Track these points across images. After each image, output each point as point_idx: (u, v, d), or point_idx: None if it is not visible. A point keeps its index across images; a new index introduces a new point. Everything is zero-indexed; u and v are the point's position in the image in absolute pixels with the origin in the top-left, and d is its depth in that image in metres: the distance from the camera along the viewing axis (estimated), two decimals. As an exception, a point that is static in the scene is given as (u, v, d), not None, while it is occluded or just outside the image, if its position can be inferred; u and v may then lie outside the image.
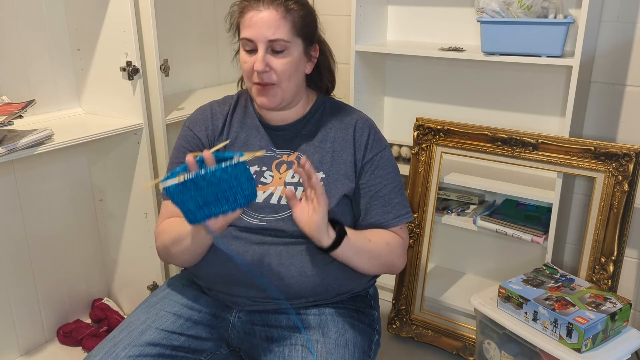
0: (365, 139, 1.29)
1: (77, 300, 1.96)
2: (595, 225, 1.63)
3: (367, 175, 1.28)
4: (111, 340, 1.17)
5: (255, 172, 1.27)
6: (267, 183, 1.26)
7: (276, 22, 1.18)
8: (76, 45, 1.75)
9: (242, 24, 1.22)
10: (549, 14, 1.66)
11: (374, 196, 1.28)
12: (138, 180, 1.77)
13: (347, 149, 1.28)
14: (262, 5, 1.19)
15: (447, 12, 1.98)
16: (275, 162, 1.29)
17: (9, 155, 1.38)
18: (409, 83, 2.12)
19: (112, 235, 1.93)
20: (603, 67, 1.76)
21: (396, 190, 1.30)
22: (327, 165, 1.27)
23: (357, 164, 1.28)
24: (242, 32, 1.22)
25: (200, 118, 1.34)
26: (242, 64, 1.24)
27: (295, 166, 1.27)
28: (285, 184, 1.25)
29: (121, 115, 1.72)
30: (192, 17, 2.09)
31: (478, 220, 1.88)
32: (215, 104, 1.36)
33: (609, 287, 1.61)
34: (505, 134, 1.72)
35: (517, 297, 1.53)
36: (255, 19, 1.18)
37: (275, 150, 1.30)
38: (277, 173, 1.27)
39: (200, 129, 1.32)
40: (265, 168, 1.28)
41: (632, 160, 1.55)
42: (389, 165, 1.31)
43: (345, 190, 1.25)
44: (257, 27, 1.18)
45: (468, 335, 1.88)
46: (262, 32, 1.18)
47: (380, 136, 1.33)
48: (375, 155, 1.29)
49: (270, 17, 1.18)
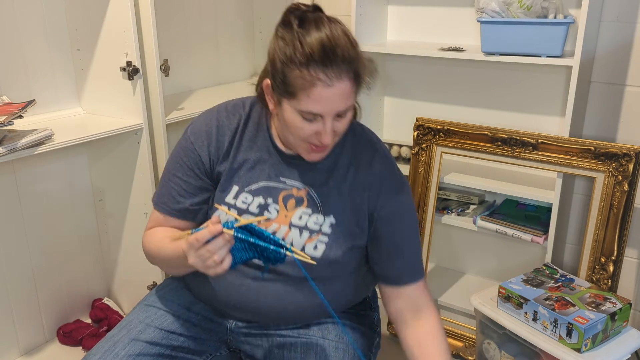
0: (381, 185, 1.16)
1: (77, 300, 1.96)
2: (595, 225, 1.63)
3: (382, 227, 1.17)
4: (110, 339, 1.16)
5: (259, 204, 1.16)
6: (271, 219, 1.15)
7: (348, 93, 1.03)
8: (76, 45, 1.75)
9: (304, 95, 1.02)
10: (549, 14, 1.66)
11: (389, 249, 1.18)
12: (138, 180, 1.77)
13: (361, 192, 1.16)
14: (334, 77, 1.00)
15: (447, 12, 1.98)
16: (283, 194, 1.16)
17: (9, 155, 1.38)
18: (409, 83, 2.12)
19: (112, 235, 1.93)
20: (603, 67, 1.76)
21: (413, 242, 1.21)
22: (339, 209, 1.16)
23: (371, 213, 1.17)
24: (304, 103, 1.02)
25: (203, 130, 1.18)
26: (295, 128, 1.07)
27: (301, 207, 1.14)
28: (290, 225, 1.15)
29: (121, 115, 1.72)
30: (192, 17, 2.09)
31: (478, 220, 1.88)
32: (222, 113, 1.20)
33: (608, 287, 1.61)
34: (505, 134, 1.72)
35: (517, 297, 1.53)
36: (325, 95, 1.01)
37: (285, 181, 1.17)
38: (283, 208, 1.16)
39: (201, 143, 1.18)
40: (271, 200, 1.16)
41: (632, 160, 1.55)
42: (408, 215, 1.20)
43: (356, 241, 1.17)
44: (327, 103, 1.02)
45: (468, 335, 1.88)
46: (332, 107, 1.03)
47: (398, 180, 1.19)
48: (391, 205, 1.17)
49: (343, 89, 1.02)
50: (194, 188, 1.19)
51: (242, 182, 1.17)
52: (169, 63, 1.79)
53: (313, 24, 1.02)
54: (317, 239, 1.14)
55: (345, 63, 1.01)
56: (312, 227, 1.14)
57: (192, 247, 0.97)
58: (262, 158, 1.17)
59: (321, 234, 1.14)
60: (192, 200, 1.19)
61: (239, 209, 1.16)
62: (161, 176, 1.25)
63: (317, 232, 1.14)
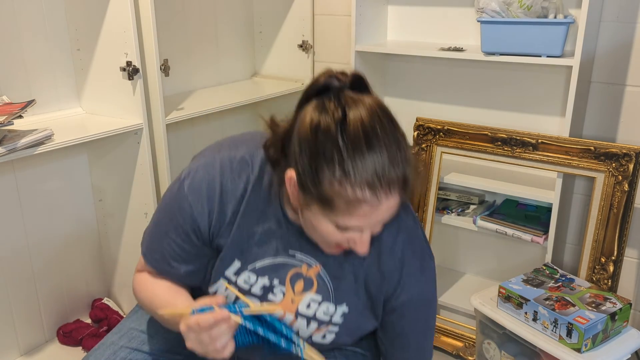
0: (401, 271, 1.03)
1: (77, 300, 1.96)
2: (595, 225, 1.63)
3: (394, 317, 1.07)
4: (110, 346, 1.12)
5: (263, 285, 1.02)
6: (275, 302, 1.02)
7: (394, 207, 0.90)
8: (76, 45, 1.75)
9: (345, 212, 0.88)
10: (549, 14, 1.66)
11: (397, 337, 1.09)
12: (138, 180, 1.77)
13: (379, 280, 1.03)
14: (383, 197, 0.86)
15: (447, 12, 1.98)
16: (292, 273, 1.02)
17: (9, 155, 1.38)
18: (409, 83, 2.12)
19: (112, 235, 1.93)
20: (603, 67, 1.76)
21: (424, 332, 1.11)
22: (353, 296, 1.04)
23: (386, 300, 1.05)
24: (342, 219, 0.89)
25: (204, 193, 0.99)
26: (324, 234, 0.93)
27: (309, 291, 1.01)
28: (297, 314, 1.02)
29: (121, 115, 1.72)
30: (192, 17, 2.09)
31: (478, 220, 1.88)
32: (227, 174, 1.00)
33: (609, 287, 1.61)
34: (505, 134, 1.72)
35: (517, 297, 1.53)
36: (369, 213, 0.88)
37: (294, 255, 1.02)
38: (290, 291, 1.02)
39: (201, 209, 0.99)
40: (277, 281, 1.02)
41: (632, 160, 1.55)
42: (425, 307, 1.08)
43: (368, 328, 1.08)
44: (370, 220, 0.90)
45: (468, 335, 1.88)
46: (375, 222, 0.91)
47: (420, 262, 1.05)
48: (407, 296, 1.04)
49: (391, 205, 0.89)
50: (190, 255, 1.03)
51: (245, 259, 1.02)
52: (169, 63, 1.79)
53: (353, 107, 0.87)
54: (326, 329, 1.05)
55: (399, 181, 0.87)
56: (322, 317, 1.03)
57: (192, 331, 0.89)
58: (270, 229, 1.01)
59: (331, 324, 1.04)
60: (186, 268, 1.04)
61: (240, 288, 1.03)
62: (152, 223, 1.08)
63: (326, 323, 1.04)
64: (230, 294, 1.02)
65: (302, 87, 2.22)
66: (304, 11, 2.19)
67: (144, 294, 1.08)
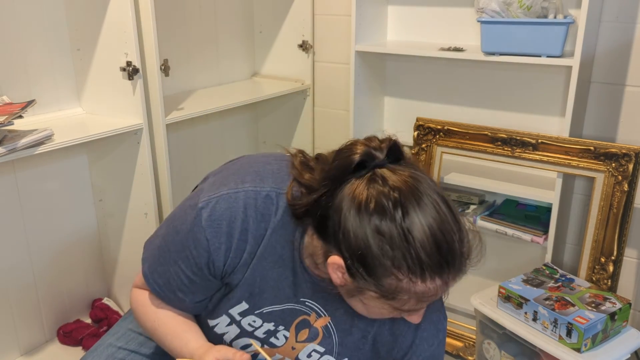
0: (412, 335, 1.00)
1: (77, 300, 1.96)
2: (595, 225, 1.63)
3: None
4: (107, 348, 1.11)
5: (267, 330, 0.99)
6: (276, 346, 1.00)
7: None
8: (76, 45, 1.75)
9: (410, 301, 0.84)
10: (548, 14, 1.66)
11: None
12: (138, 180, 1.77)
13: (390, 342, 1.01)
14: (451, 281, 0.85)
15: (447, 12, 1.98)
16: (298, 321, 0.99)
17: (9, 155, 1.38)
18: (409, 83, 2.12)
19: (112, 235, 1.93)
20: (603, 67, 1.76)
21: None
22: (357, 352, 1.01)
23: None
24: (400, 304, 0.85)
25: (224, 228, 0.92)
26: (378, 314, 0.90)
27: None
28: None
29: (121, 115, 1.72)
30: (192, 17, 2.09)
31: (478, 220, 1.88)
32: (251, 214, 0.93)
33: (608, 287, 1.61)
34: (505, 134, 1.72)
35: (517, 297, 1.53)
36: (430, 298, 0.85)
37: (305, 302, 0.98)
38: (293, 337, 0.99)
39: (219, 245, 0.92)
40: (283, 327, 0.99)
41: (632, 160, 1.55)
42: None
43: None
44: (429, 301, 0.86)
45: (468, 335, 1.88)
46: (431, 300, 0.87)
47: (434, 328, 1.02)
48: (420, 357, 1.01)
49: (448, 286, 0.86)
50: (199, 287, 0.98)
51: (254, 303, 0.98)
52: (169, 63, 1.79)
53: (414, 203, 0.82)
54: None
55: (462, 260, 0.84)
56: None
57: None
58: (284, 275, 0.96)
59: None
60: (194, 298, 0.99)
61: (243, 329, 1.00)
62: (159, 243, 1.01)
63: None
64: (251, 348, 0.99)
65: (302, 87, 2.23)
66: (304, 11, 2.19)
67: (147, 317, 1.04)
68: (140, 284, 1.07)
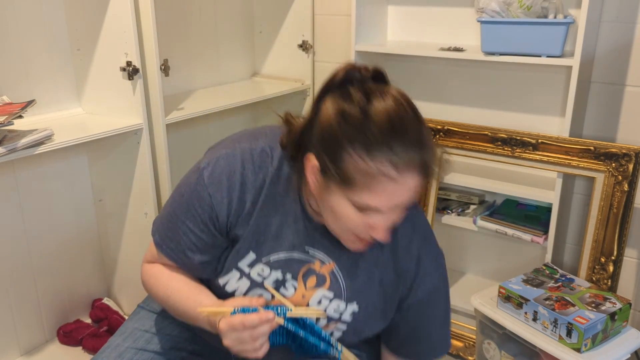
0: (414, 270, 1.04)
1: (77, 300, 1.96)
2: (595, 225, 1.63)
3: (409, 314, 1.07)
4: (115, 349, 1.12)
5: (276, 279, 1.03)
6: (287, 297, 1.02)
7: (415, 187, 0.90)
8: (76, 45, 1.75)
9: (364, 187, 0.88)
10: (548, 14, 1.66)
11: (411, 332, 1.09)
12: (138, 180, 1.77)
13: (395, 280, 1.04)
14: (404, 173, 0.86)
15: (447, 12, 1.98)
16: (304, 269, 1.02)
17: (9, 155, 1.38)
18: (409, 83, 2.12)
19: (112, 235, 1.93)
20: (603, 67, 1.76)
21: (440, 325, 1.10)
22: (365, 295, 1.04)
23: (400, 301, 1.06)
24: (361, 196, 0.89)
25: (224, 183, 0.99)
26: (344, 219, 0.93)
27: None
28: None
29: (121, 115, 1.72)
30: (192, 17, 2.09)
31: (478, 220, 1.88)
32: (248, 165, 1.00)
33: (608, 287, 1.61)
34: (505, 134, 1.72)
35: (517, 297, 1.53)
36: (389, 189, 0.87)
37: (309, 251, 1.02)
38: (302, 286, 1.02)
39: (220, 199, 0.99)
40: (290, 276, 1.02)
41: (632, 160, 1.55)
42: (440, 300, 1.08)
43: (376, 329, 1.07)
44: (390, 198, 0.89)
45: (468, 335, 1.88)
46: (395, 202, 0.90)
47: (437, 261, 1.06)
48: (425, 294, 1.05)
49: (410, 185, 0.88)
50: (206, 245, 1.03)
51: (260, 251, 1.02)
52: (169, 63, 1.79)
53: (378, 95, 0.89)
54: (334, 326, 1.05)
55: (421, 162, 0.87)
56: (332, 314, 1.04)
57: (234, 330, 0.90)
58: (287, 223, 1.01)
59: (340, 322, 1.05)
60: (201, 258, 1.04)
61: (253, 280, 1.03)
62: (166, 212, 1.07)
63: (335, 320, 1.04)
64: (266, 294, 1.02)
65: (302, 87, 2.23)
66: (304, 11, 2.19)
67: (159, 288, 1.07)
68: (150, 258, 1.11)
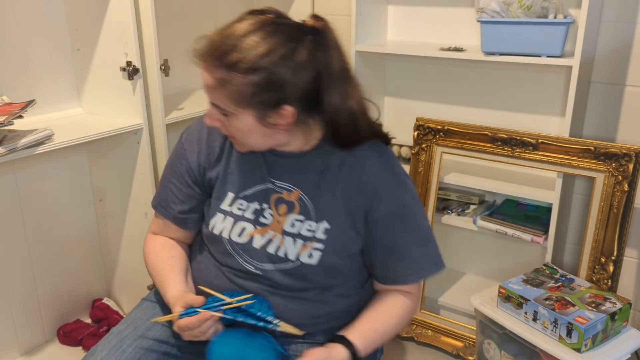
0: (378, 186, 1.10)
1: (77, 300, 1.96)
2: (595, 225, 1.63)
3: (380, 230, 1.11)
4: (117, 335, 1.16)
5: (254, 210, 1.14)
6: (266, 225, 1.13)
7: (211, 86, 1.06)
8: (76, 45, 1.75)
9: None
10: (549, 14, 1.66)
11: (389, 251, 1.13)
12: (138, 180, 1.77)
13: (357, 194, 1.10)
14: (200, 61, 1.10)
15: (447, 12, 1.98)
16: (274, 198, 1.13)
17: (9, 155, 1.38)
18: (409, 83, 2.12)
19: (112, 235, 1.93)
20: (603, 67, 1.76)
21: (418, 241, 1.14)
22: (333, 213, 1.11)
23: (368, 216, 1.11)
24: None
25: (195, 136, 1.19)
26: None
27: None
28: (283, 232, 1.12)
29: (121, 115, 1.72)
30: (192, 17, 2.09)
31: (478, 220, 1.88)
32: None
33: (608, 287, 1.61)
34: (505, 134, 1.73)
35: (517, 297, 1.53)
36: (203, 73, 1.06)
37: (274, 182, 1.14)
38: (275, 213, 1.13)
39: (192, 150, 1.18)
40: (266, 205, 1.14)
41: (632, 160, 1.55)
42: (410, 215, 1.12)
43: (353, 248, 1.12)
44: (203, 81, 1.08)
45: (468, 335, 1.88)
46: (204, 86, 1.08)
47: (395, 178, 1.12)
48: (390, 208, 1.10)
49: (206, 78, 1.08)
50: (184, 195, 1.21)
51: (236, 188, 1.16)
52: (169, 63, 1.79)
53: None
54: (311, 246, 1.11)
55: (201, 41, 1.10)
56: (306, 234, 1.11)
57: (184, 330, 1.05)
58: (254, 160, 1.15)
59: (315, 240, 1.11)
60: (180, 208, 1.21)
61: (236, 215, 1.15)
62: (160, 179, 1.27)
63: (310, 239, 1.11)
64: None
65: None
66: (304, 11, 2.19)
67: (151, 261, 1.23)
68: (151, 225, 1.29)
